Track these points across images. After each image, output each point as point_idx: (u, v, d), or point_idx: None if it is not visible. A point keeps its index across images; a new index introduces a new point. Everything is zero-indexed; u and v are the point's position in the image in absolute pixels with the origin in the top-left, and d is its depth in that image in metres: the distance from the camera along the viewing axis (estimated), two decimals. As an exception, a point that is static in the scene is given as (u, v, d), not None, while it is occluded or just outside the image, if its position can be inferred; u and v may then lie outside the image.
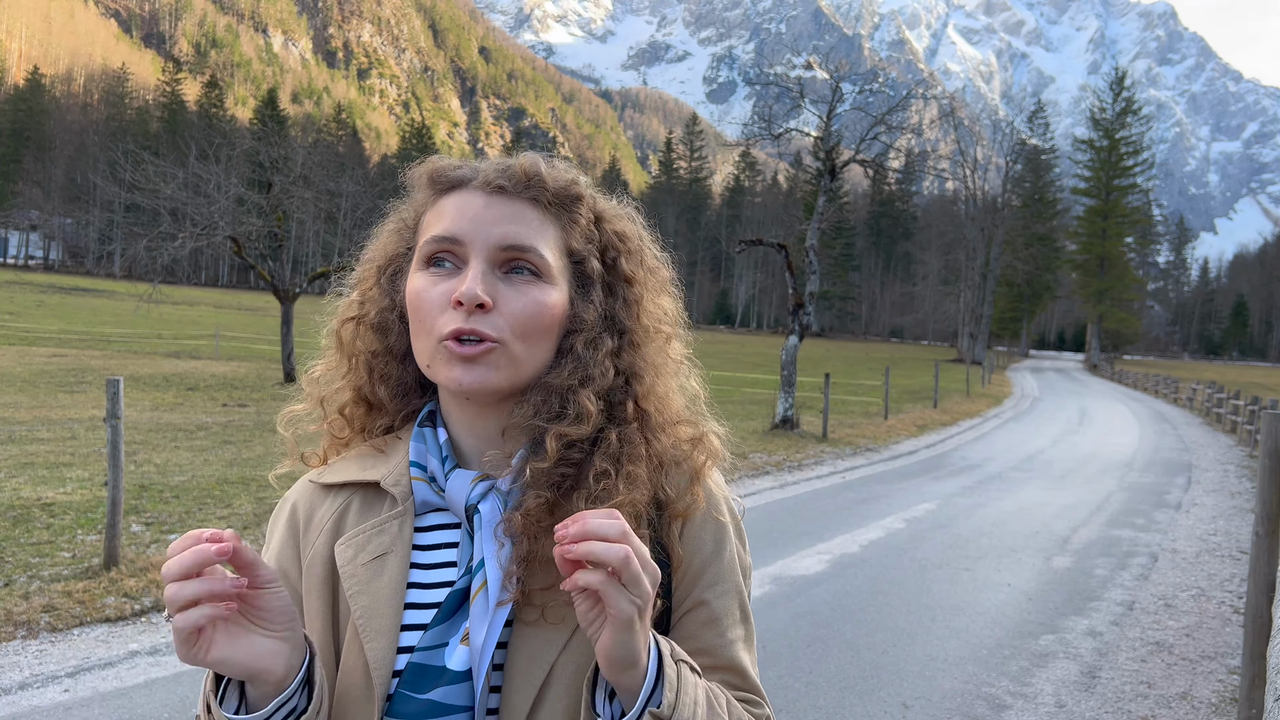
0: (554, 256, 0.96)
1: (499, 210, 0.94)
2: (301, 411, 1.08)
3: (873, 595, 6.33)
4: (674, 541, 0.97)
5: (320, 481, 1.03)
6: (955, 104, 58.98)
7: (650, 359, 1.02)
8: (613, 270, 1.02)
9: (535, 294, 0.93)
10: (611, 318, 1.00)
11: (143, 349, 26.28)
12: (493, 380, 0.92)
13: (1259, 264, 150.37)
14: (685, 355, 1.08)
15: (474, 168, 0.99)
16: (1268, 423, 4.45)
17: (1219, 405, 25.12)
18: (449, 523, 0.97)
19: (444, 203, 0.97)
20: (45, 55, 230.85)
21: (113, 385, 5.91)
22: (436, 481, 0.96)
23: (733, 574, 1.00)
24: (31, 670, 4.35)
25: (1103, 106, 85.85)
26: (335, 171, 32.24)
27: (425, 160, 1.03)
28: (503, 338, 0.91)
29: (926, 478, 12.15)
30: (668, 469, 0.98)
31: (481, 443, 0.98)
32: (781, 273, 17.95)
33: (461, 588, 0.91)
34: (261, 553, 1.03)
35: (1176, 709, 4.67)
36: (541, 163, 0.99)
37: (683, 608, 0.97)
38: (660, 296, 1.06)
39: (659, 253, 1.08)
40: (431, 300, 0.93)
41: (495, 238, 0.93)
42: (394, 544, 0.95)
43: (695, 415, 1.05)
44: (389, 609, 0.92)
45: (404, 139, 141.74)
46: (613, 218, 1.04)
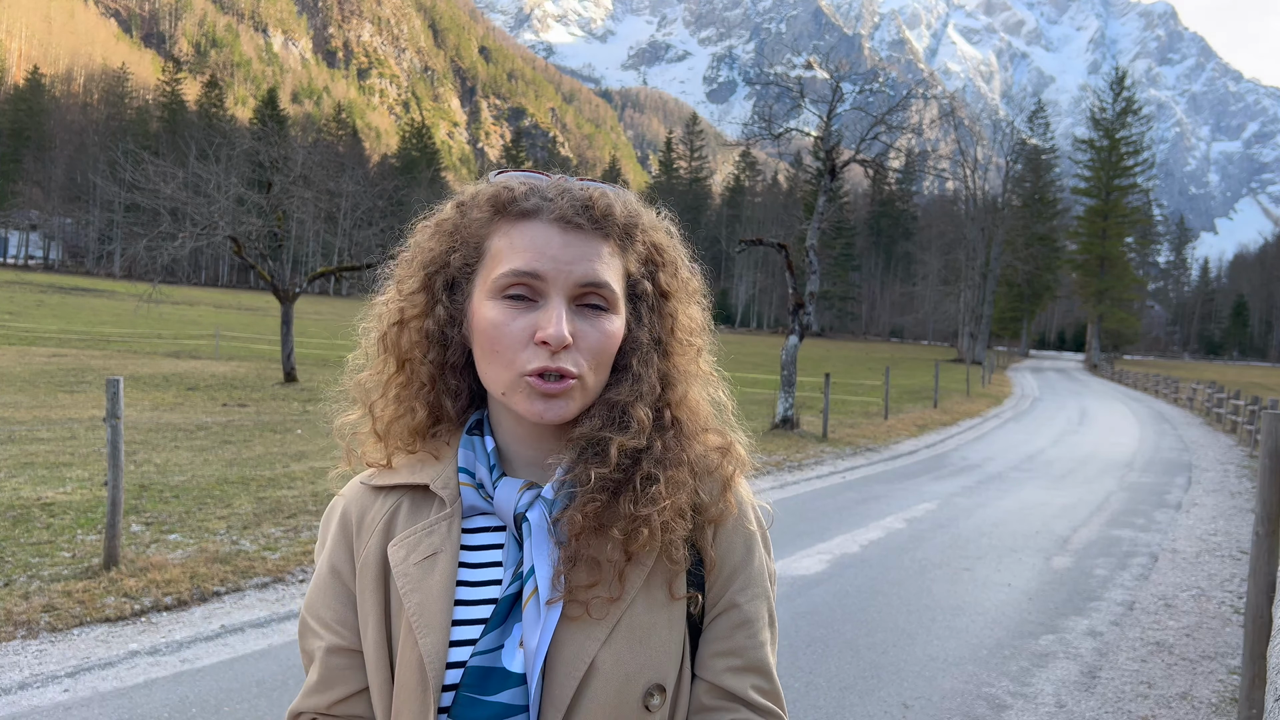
0: (619, 286, 1.00)
1: (577, 249, 0.97)
2: (354, 420, 1.10)
3: (873, 595, 6.33)
4: (707, 545, 1.01)
5: (371, 484, 1.06)
6: (955, 104, 58.96)
7: (683, 369, 1.06)
8: (653, 283, 1.05)
9: (606, 326, 0.98)
10: (652, 331, 1.04)
11: (143, 349, 26.28)
12: (570, 411, 0.97)
13: (1259, 264, 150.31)
14: (713, 366, 1.12)
15: (544, 196, 0.99)
16: (1268, 423, 4.45)
17: (1219, 405, 25.11)
18: (494, 526, 1.02)
19: (515, 233, 0.98)
20: (45, 55, 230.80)
21: (113, 385, 5.91)
22: (484, 488, 1.01)
23: (761, 579, 1.04)
24: (31, 670, 4.34)
25: (1103, 106, 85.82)
26: (335, 171, 32.22)
27: (492, 180, 1.04)
28: (581, 372, 0.96)
29: (927, 478, 12.15)
30: (701, 476, 1.03)
31: (533, 453, 1.03)
32: (781, 273, 17.96)
33: (513, 593, 0.95)
34: (316, 552, 1.08)
35: (1176, 709, 4.67)
36: (613, 196, 1.02)
37: (715, 609, 1.02)
38: (691, 307, 1.09)
39: (690, 263, 1.11)
40: (512, 334, 0.95)
41: (576, 276, 0.96)
42: (443, 544, 0.99)
43: (723, 425, 1.09)
44: (440, 606, 0.96)
45: (404, 139, 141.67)
46: (650, 229, 1.06)
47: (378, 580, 1.00)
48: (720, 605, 1.01)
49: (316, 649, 1.02)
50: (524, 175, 1.03)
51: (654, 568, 0.97)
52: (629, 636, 0.94)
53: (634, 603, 0.96)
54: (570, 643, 0.93)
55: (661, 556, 0.97)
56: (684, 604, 0.99)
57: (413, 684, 0.94)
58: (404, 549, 0.99)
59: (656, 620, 0.96)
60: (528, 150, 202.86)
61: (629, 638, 0.94)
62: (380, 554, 1.00)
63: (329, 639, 1.01)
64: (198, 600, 5.41)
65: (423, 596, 0.96)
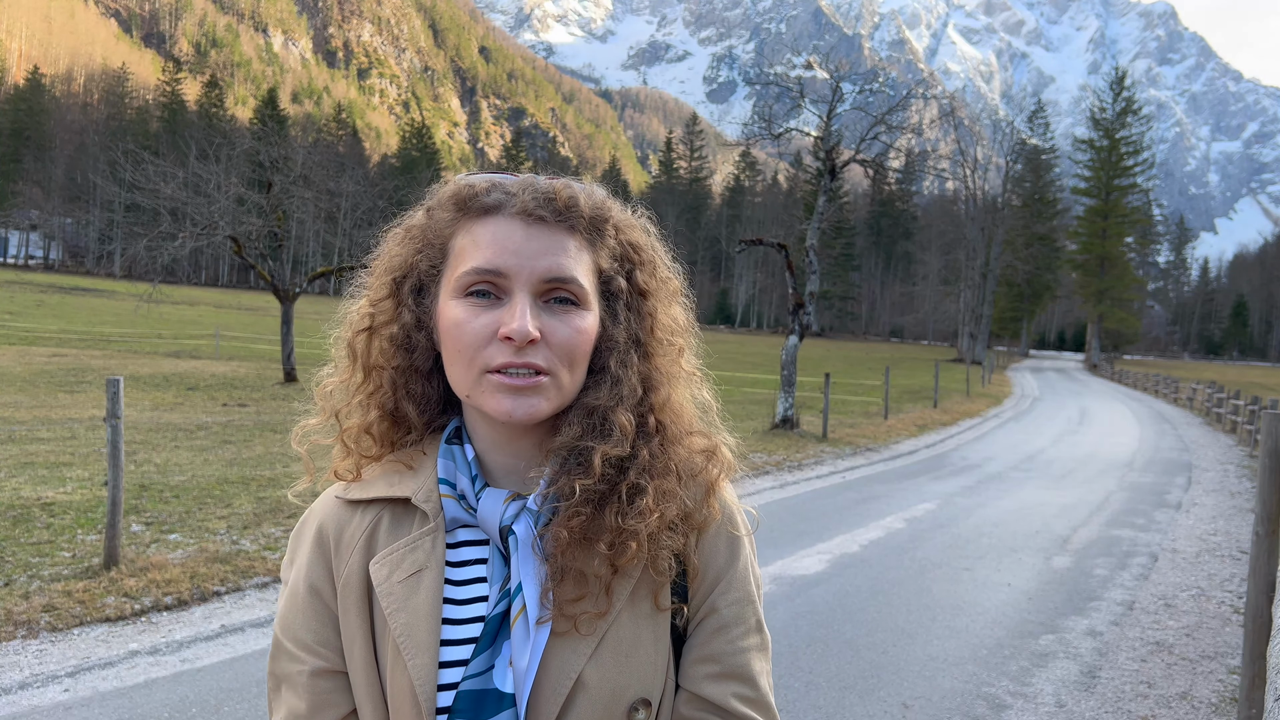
0: (589, 281, 0.97)
1: (540, 242, 0.94)
2: (315, 426, 1.07)
3: (873, 595, 6.33)
4: (690, 552, 0.98)
5: (347, 498, 1.01)
6: (955, 104, 58.90)
7: (665, 370, 1.02)
8: (629, 282, 1.02)
9: (576, 322, 0.94)
10: (630, 331, 1.01)
11: (143, 349, 26.28)
12: (542, 409, 0.93)
13: (1259, 264, 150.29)
14: (697, 366, 1.08)
15: (506, 191, 0.97)
16: (1268, 423, 4.45)
17: (1219, 405, 25.11)
18: (478, 539, 0.98)
19: (478, 230, 0.95)
20: (45, 55, 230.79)
21: (113, 385, 5.91)
22: (466, 500, 0.97)
23: (745, 584, 1.01)
24: (31, 670, 4.35)
25: (1103, 106, 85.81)
26: (335, 171, 32.17)
27: (451, 179, 1.02)
28: (552, 368, 0.92)
29: (926, 477, 12.15)
30: (685, 481, 0.99)
31: (512, 460, 0.99)
32: (781, 273, 17.96)
33: (500, 612, 0.92)
34: (285, 570, 1.04)
35: (1176, 709, 4.67)
36: (577, 190, 0.99)
37: (697, 617, 0.99)
38: (672, 307, 1.06)
39: (670, 263, 1.08)
40: (474, 332, 0.92)
41: (540, 271, 0.93)
42: (428, 560, 0.96)
43: (708, 426, 1.06)
44: (427, 626, 0.93)
45: (404, 139, 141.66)
46: (626, 228, 1.03)
47: (360, 600, 0.96)
48: (702, 611, 0.98)
49: (296, 673, 0.97)
50: (490, 175, 1.00)
51: (639, 579, 0.95)
52: (615, 651, 0.92)
53: (619, 616, 0.93)
54: (556, 658, 0.91)
55: (647, 568, 0.95)
56: (669, 615, 0.96)
57: (405, 708, 0.91)
58: (387, 567, 0.95)
59: (642, 633, 0.94)
60: (528, 150, 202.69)
61: (615, 652, 0.92)
62: (362, 572, 0.96)
63: (312, 662, 0.96)
64: (198, 600, 5.41)
65: (409, 616, 0.93)
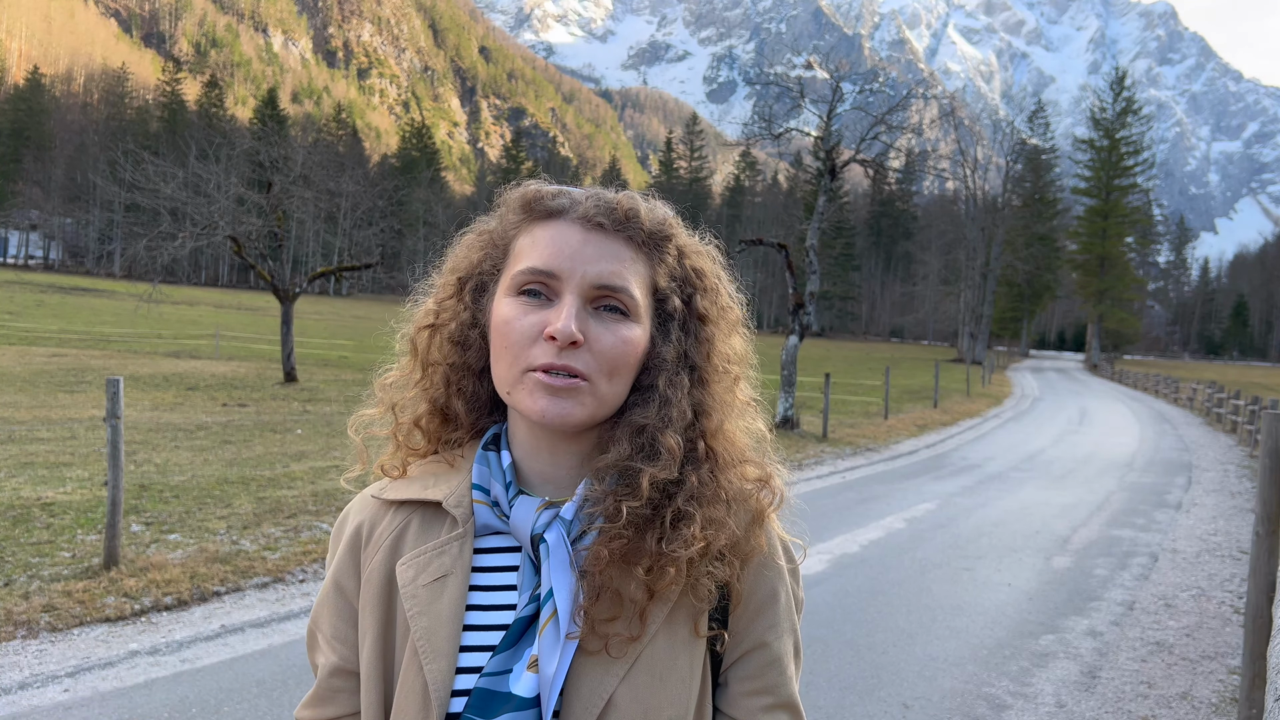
0: (641, 295, 0.97)
1: (596, 248, 0.95)
2: (373, 416, 1.09)
3: (873, 595, 6.33)
4: (733, 580, 0.98)
5: (382, 497, 1.03)
6: (955, 104, 58.98)
7: (719, 397, 1.02)
8: (688, 306, 1.02)
9: (623, 332, 0.94)
10: (685, 354, 1.00)
11: (143, 349, 26.27)
12: (576, 414, 0.93)
13: (1259, 264, 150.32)
14: (752, 398, 1.09)
15: (571, 198, 0.98)
16: (1268, 423, 4.45)
17: (1219, 405, 25.11)
18: (509, 545, 0.99)
19: (539, 231, 0.97)
20: (45, 55, 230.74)
21: (113, 385, 5.91)
22: (499, 506, 0.97)
23: (789, 615, 1.02)
24: (31, 670, 4.35)
25: (1103, 106, 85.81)
26: (335, 171, 32.13)
27: (523, 182, 1.03)
28: (591, 374, 0.92)
29: (927, 477, 12.15)
30: (734, 509, 0.99)
31: (549, 469, 1.00)
32: (781, 273, 17.95)
33: (527, 615, 0.92)
34: (328, 563, 1.06)
35: (1177, 709, 4.67)
36: (640, 201, 1.00)
37: (742, 646, 1.00)
38: (732, 337, 1.06)
39: (734, 292, 1.09)
40: (521, 330, 0.93)
41: (591, 276, 0.94)
42: (454, 566, 0.96)
43: (760, 457, 1.06)
44: (448, 631, 0.93)
45: (404, 139, 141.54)
46: (692, 253, 1.04)
47: (380, 597, 0.97)
48: (747, 643, 0.99)
49: (319, 663, 1.03)
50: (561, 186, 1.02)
51: (678, 603, 0.95)
52: (649, 673, 0.92)
53: (655, 639, 0.93)
54: (588, 677, 0.91)
55: (686, 592, 0.94)
56: (705, 640, 0.97)
57: (412, 710, 0.92)
58: (413, 569, 0.96)
59: (678, 657, 0.94)
60: (528, 150, 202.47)
61: (649, 675, 0.92)
62: (385, 571, 0.98)
63: (329, 657, 1.01)
64: (198, 600, 5.41)
65: (431, 621, 0.94)
